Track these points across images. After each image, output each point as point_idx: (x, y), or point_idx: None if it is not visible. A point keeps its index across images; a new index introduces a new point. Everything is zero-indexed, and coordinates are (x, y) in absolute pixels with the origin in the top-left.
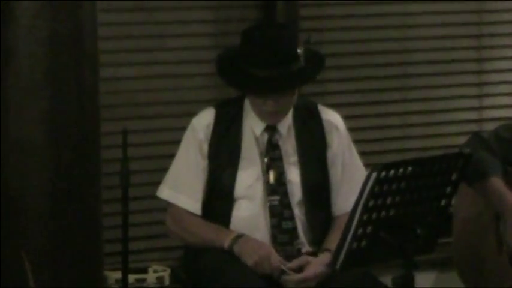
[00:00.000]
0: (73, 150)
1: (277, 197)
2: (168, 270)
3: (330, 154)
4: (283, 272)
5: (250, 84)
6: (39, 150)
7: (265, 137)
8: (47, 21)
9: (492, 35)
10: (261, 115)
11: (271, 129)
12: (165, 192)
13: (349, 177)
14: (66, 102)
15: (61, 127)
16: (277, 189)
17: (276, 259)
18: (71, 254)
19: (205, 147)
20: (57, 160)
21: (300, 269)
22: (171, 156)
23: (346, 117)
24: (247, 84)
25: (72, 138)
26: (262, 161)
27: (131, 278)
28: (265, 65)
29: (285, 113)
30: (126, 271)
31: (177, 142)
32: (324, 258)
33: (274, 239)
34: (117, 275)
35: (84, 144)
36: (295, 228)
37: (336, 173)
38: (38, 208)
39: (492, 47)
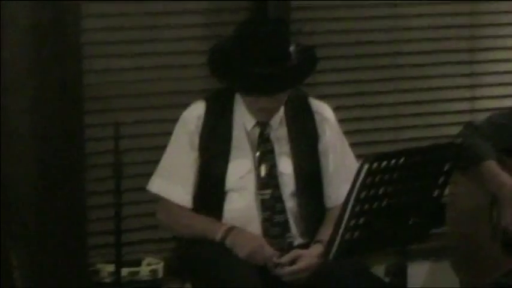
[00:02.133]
0: (57, 141)
1: (268, 191)
2: (162, 263)
3: (321, 145)
4: (276, 265)
5: (244, 84)
6: (24, 141)
7: (257, 131)
8: (29, 11)
9: (484, 25)
10: (253, 112)
11: (262, 124)
12: (155, 185)
13: (341, 169)
14: (50, 92)
15: (45, 118)
16: (268, 182)
17: (269, 250)
18: (56, 245)
19: (196, 140)
20: (42, 151)
21: (292, 262)
22: (164, 148)
23: (337, 108)
24: (241, 83)
25: (57, 128)
26: (254, 154)
27: (124, 271)
28: (259, 62)
29: (277, 110)
30: (119, 264)
31: (170, 133)
32: (316, 249)
33: (266, 232)
34: (110, 268)
35: (69, 135)
36: (286, 222)
37: (327, 164)
38: (23, 199)
39: (484, 37)
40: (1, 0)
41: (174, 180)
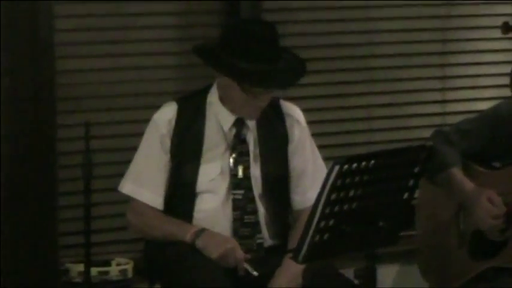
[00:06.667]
0: (29, 141)
1: (241, 191)
2: (131, 263)
3: (291, 148)
4: (247, 272)
5: (256, 78)
6: None
7: (233, 131)
8: (1, 11)
9: (455, 29)
10: (244, 110)
11: (239, 124)
12: (126, 186)
13: (310, 171)
14: (23, 92)
15: (18, 118)
16: (242, 183)
17: (240, 252)
18: (28, 245)
19: (168, 142)
20: (14, 151)
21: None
22: (134, 149)
23: (310, 110)
24: (253, 78)
25: (29, 129)
26: (229, 156)
27: (94, 270)
28: (260, 60)
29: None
30: (88, 264)
31: (141, 134)
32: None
33: (235, 232)
34: (80, 267)
35: (41, 135)
36: (257, 223)
37: (296, 166)
38: None
39: (455, 40)
40: None
41: (145, 182)
